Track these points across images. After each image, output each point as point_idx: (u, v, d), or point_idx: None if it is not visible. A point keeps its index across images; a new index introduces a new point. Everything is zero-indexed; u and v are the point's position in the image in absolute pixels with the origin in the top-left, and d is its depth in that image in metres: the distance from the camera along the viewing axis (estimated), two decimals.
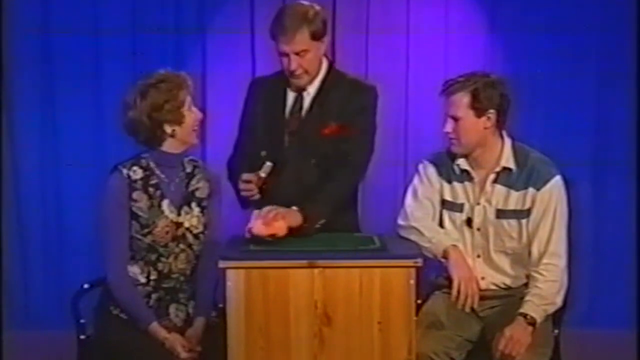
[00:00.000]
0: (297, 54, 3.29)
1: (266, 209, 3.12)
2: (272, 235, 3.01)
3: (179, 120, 3.15)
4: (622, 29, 4.76)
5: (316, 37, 3.30)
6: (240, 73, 4.73)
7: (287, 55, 3.30)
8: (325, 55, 3.44)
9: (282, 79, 3.41)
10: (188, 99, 3.17)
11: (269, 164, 3.26)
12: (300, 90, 3.40)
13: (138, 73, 4.55)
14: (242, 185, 3.29)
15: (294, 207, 3.17)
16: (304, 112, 3.40)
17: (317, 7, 3.35)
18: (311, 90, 3.40)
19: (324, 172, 3.35)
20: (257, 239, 3.02)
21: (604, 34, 4.80)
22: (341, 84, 3.42)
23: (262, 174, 3.25)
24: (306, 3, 3.35)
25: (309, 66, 3.33)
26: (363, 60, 4.79)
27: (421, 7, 4.83)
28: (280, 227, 3.02)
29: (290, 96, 3.42)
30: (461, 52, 4.77)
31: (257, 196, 3.29)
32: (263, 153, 3.35)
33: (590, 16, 4.79)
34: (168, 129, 3.16)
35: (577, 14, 4.79)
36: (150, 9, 4.83)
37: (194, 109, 3.19)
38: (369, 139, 3.42)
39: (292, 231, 3.11)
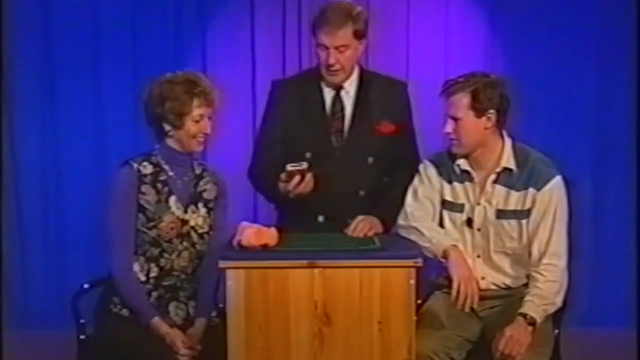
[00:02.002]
0: (337, 48, 3.31)
1: (358, 219, 3.23)
2: (264, 246, 2.97)
3: (177, 125, 3.15)
4: (622, 28, 4.76)
5: (358, 35, 3.35)
6: (240, 73, 4.74)
7: (326, 48, 3.32)
8: (357, 59, 3.47)
9: (312, 79, 3.42)
10: (200, 110, 3.15)
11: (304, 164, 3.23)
12: (337, 89, 3.42)
13: (138, 74, 4.59)
14: (284, 178, 3.23)
15: (373, 217, 3.28)
16: (347, 110, 3.42)
17: (361, 7, 3.40)
18: (350, 89, 3.43)
19: (380, 170, 3.42)
20: (247, 250, 2.97)
21: (604, 34, 4.80)
22: (377, 82, 3.48)
23: (304, 166, 3.21)
24: (351, 1, 3.40)
25: (346, 63, 3.35)
26: (363, 61, 4.77)
27: (421, 7, 4.83)
28: (272, 236, 2.99)
29: (328, 96, 3.43)
30: (461, 52, 4.77)
31: (305, 189, 3.23)
32: (307, 155, 3.35)
33: (591, 16, 4.80)
34: (166, 127, 3.17)
35: (578, 13, 4.79)
36: (150, 9, 4.83)
37: (204, 122, 3.17)
38: (416, 140, 3.52)
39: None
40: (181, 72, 3.21)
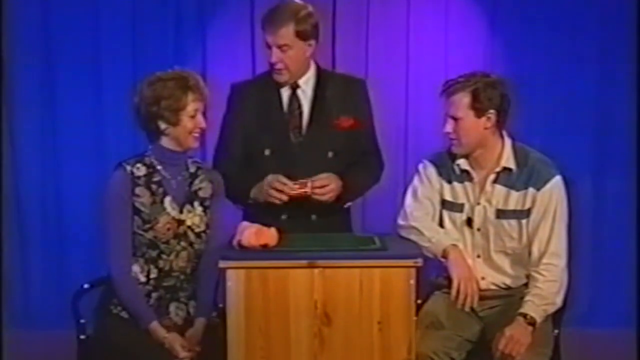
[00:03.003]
0: (279, 47, 3.35)
1: (322, 175, 3.29)
2: (264, 246, 2.97)
3: (173, 122, 3.15)
4: (622, 28, 4.76)
5: (302, 36, 3.36)
6: (240, 73, 4.73)
7: (270, 47, 3.37)
8: (315, 60, 3.49)
9: (270, 80, 3.45)
10: (194, 105, 3.15)
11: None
12: (293, 88, 3.44)
13: (138, 73, 4.58)
14: (277, 188, 3.29)
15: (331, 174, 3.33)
16: (305, 108, 3.45)
17: (311, 9, 3.41)
18: (306, 88, 3.46)
19: (341, 164, 3.42)
20: (248, 250, 2.98)
21: (605, 34, 4.80)
22: (334, 80, 3.51)
23: (308, 191, 3.28)
24: (301, 3, 3.41)
25: (290, 63, 3.37)
26: (363, 60, 4.79)
27: (421, 6, 4.83)
28: (272, 236, 2.99)
29: (285, 95, 3.45)
30: (461, 52, 4.76)
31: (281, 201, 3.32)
32: (267, 152, 3.38)
33: (591, 16, 4.79)
34: (162, 125, 3.16)
35: (578, 13, 4.79)
36: (150, 9, 4.83)
37: (199, 117, 3.17)
38: (376, 134, 3.56)
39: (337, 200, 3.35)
40: (170, 70, 3.20)
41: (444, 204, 3.30)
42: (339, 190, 3.34)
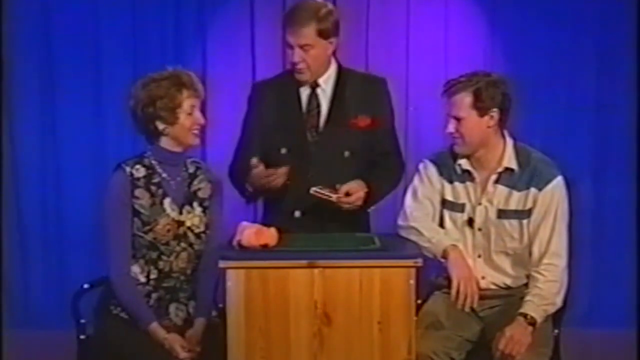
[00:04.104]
0: (301, 47, 3.34)
1: (347, 186, 3.24)
2: (264, 246, 2.97)
3: (171, 120, 3.14)
4: (622, 28, 4.76)
5: (323, 35, 3.35)
6: (240, 73, 4.74)
7: (292, 47, 3.35)
8: (335, 57, 3.48)
9: (290, 79, 3.44)
10: (190, 101, 3.15)
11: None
12: (313, 87, 3.44)
13: (138, 73, 4.58)
14: (264, 174, 3.28)
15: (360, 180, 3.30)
16: (323, 107, 3.44)
17: (331, 7, 3.42)
18: (326, 87, 3.45)
19: (358, 164, 3.42)
20: (248, 250, 2.97)
21: (604, 34, 4.80)
22: (354, 79, 3.49)
23: (333, 198, 3.26)
24: (321, 1, 3.41)
25: (312, 62, 3.37)
26: (363, 60, 4.79)
27: (421, 6, 4.83)
28: (272, 236, 2.99)
29: (304, 94, 3.45)
30: (461, 52, 4.77)
31: (280, 181, 3.30)
32: (283, 151, 3.39)
33: (591, 16, 4.80)
34: (160, 125, 3.16)
35: (578, 13, 4.79)
36: (150, 9, 4.83)
37: (197, 113, 3.17)
38: (396, 134, 3.55)
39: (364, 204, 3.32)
40: (162, 71, 3.19)
41: (445, 203, 3.30)
42: (363, 198, 3.32)
